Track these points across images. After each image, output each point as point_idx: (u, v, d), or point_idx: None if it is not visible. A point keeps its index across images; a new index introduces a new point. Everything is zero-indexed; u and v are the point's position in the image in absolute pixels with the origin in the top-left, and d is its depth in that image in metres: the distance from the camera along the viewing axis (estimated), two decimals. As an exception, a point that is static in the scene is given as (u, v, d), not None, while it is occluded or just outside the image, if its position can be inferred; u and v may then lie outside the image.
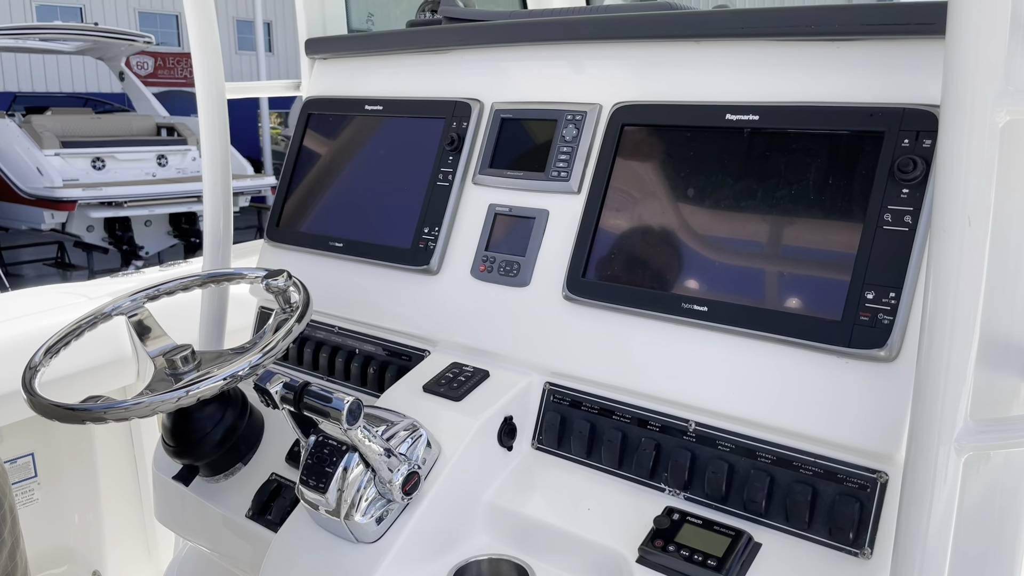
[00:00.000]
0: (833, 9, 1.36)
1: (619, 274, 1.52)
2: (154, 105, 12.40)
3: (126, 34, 11.72)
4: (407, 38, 1.95)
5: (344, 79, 2.11)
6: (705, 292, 1.42)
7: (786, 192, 1.36)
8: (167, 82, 17.85)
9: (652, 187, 1.52)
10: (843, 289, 1.27)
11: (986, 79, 0.97)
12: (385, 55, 2.03)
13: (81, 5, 17.93)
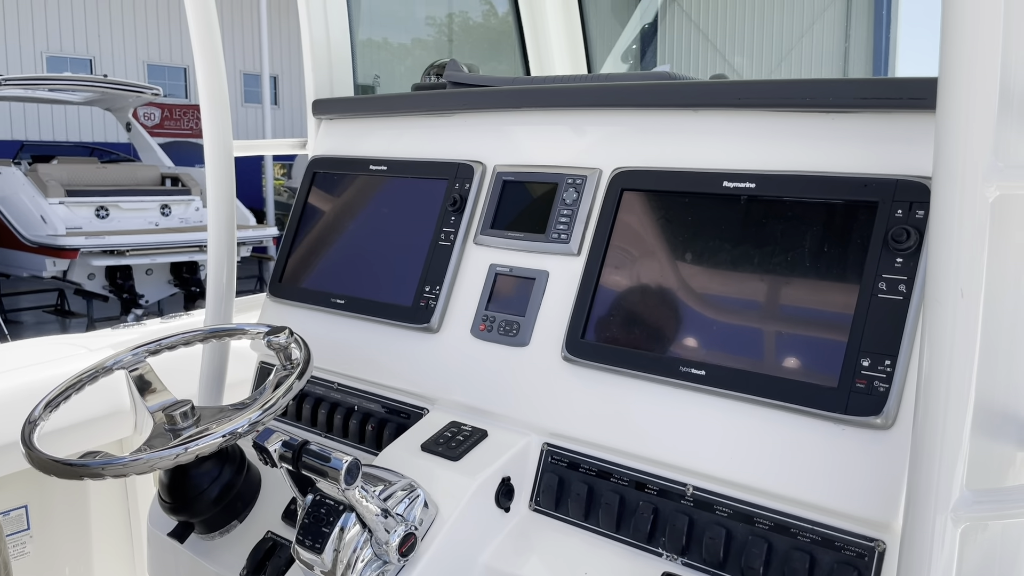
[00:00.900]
0: (828, 83, 1.40)
1: (618, 336, 1.54)
2: (159, 155, 12.54)
3: (134, 86, 11.90)
4: (412, 101, 2.00)
5: (350, 139, 2.15)
6: (703, 356, 1.43)
7: (783, 259, 1.39)
8: (173, 132, 18.08)
9: (651, 251, 1.55)
10: (839, 356, 1.29)
11: (975, 155, 1.00)
12: (390, 116, 2.08)
13: (91, 57, 18.25)
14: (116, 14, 18.59)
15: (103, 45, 18.47)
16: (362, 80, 14.05)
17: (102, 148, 14.16)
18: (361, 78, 2.71)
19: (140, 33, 18.93)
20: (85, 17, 18.21)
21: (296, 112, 20.85)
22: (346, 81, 2.27)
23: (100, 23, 18.41)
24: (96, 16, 18.35)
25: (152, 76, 18.81)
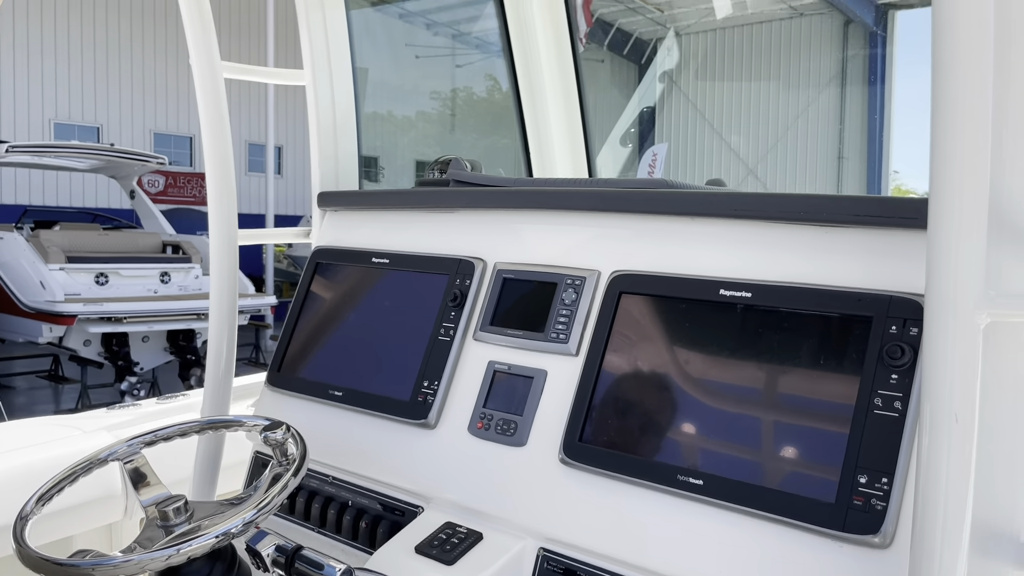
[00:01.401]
0: (822, 199, 1.43)
1: (615, 440, 1.54)
2: (161, 223, 12.65)
3: (140, 155, 12.08)
4: (416, 198, 2.04)
5: (353, 231, 2.19)
6: (700, 465, 1.43)
7: (779, 370, 1.40)
8: (176, 199, 18.27)
9: (648, 355, 1.56)
10: (836, 471, 1.29)
11: (966, 282, 1.02)
12: (394, 211, 2.12)
13: (99, 124, 18.55)
14: (125, 83, 18.98)
15: (111, 113, 18.80)
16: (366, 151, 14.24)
17: (105, 215, 14.28)
18: (366, 150, 2.76)
19: (148, 102, 19.30)
20: (95, 86, 18.58)
21: (299, 181, 21.12)
22: (351, 174, 2.32)
23: (109, 92, 18.78)
24: (106, 85, 18.73)
25: (158, 144, 19.10)
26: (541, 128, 3.02)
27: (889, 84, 16.89)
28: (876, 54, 17.07)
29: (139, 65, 19.08)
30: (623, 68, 19.75)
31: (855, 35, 17.29)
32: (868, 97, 17.45)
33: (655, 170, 15.96)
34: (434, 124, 22.74)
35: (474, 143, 22.43)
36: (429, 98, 21.97)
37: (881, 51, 16.89)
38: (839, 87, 17.64)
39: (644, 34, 19.77)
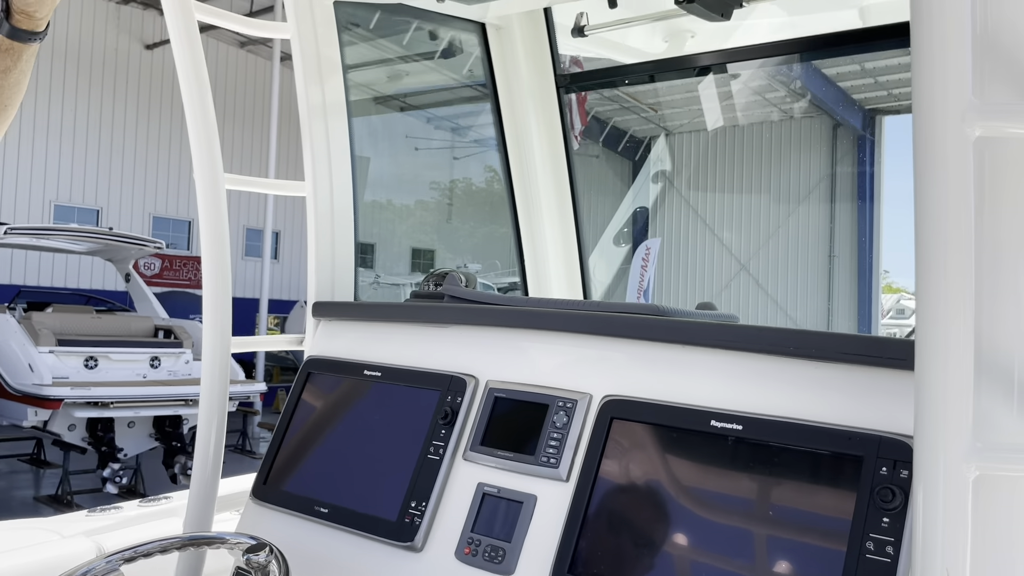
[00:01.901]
0: (812, 335, 1.45)
1: (605, 572, 1.51)
2: (155, 307, 12.65)
3: (138, 239, 12.18)
4: (410, 312, 2.05)
5: (346, 341, 2.19)
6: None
7: (770, 507, 1.39)
8: (172, 282, 18.34)
9: (639, 485, 1.55)
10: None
11: (954, 435, 1.03)
12: (388, 323, 2.13)
13: (98, 207, 18.77)
14: (127, 167, 19.29)
15: (111, 196, 19.05)
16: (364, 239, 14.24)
17: (99, 297, 14.29)
18: (364, 237, 2.79)
19: (148, 186, 19.58)
20: (97, 169, 18.88)
21: (295, 266, 21.25)
22: (347, 285, 2.34)
23: (111, 175, 19.07)
24: (108, 168, 19.03)
25: (157, 228, 19.28)
26: (537, 240, 3.07)
27: (878, 186, 17.25)
28: (865, 157, 17.50)
29: (140, 149, 19.44)
30: (617, 164, 20.18)
31: (844, 138, 17.76)
32: (857, 198, 17.80)
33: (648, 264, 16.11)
34: (432, 213, 23.03)
35: (471, 231, 22.68)
36: (428, 188, 22.32)
37: (870, 154, 17.32)
38: (829, 187, 18.01)
39: (638, 132, 20.28)
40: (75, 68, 18.27)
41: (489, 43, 2.92)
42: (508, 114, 3.04)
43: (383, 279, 17.95)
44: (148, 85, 19.36)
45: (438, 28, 3.02)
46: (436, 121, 18.81)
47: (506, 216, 3.36)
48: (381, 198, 20.89)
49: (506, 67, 2.94)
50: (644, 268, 15.80)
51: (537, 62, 2.91)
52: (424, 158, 20.46)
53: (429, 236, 23.12)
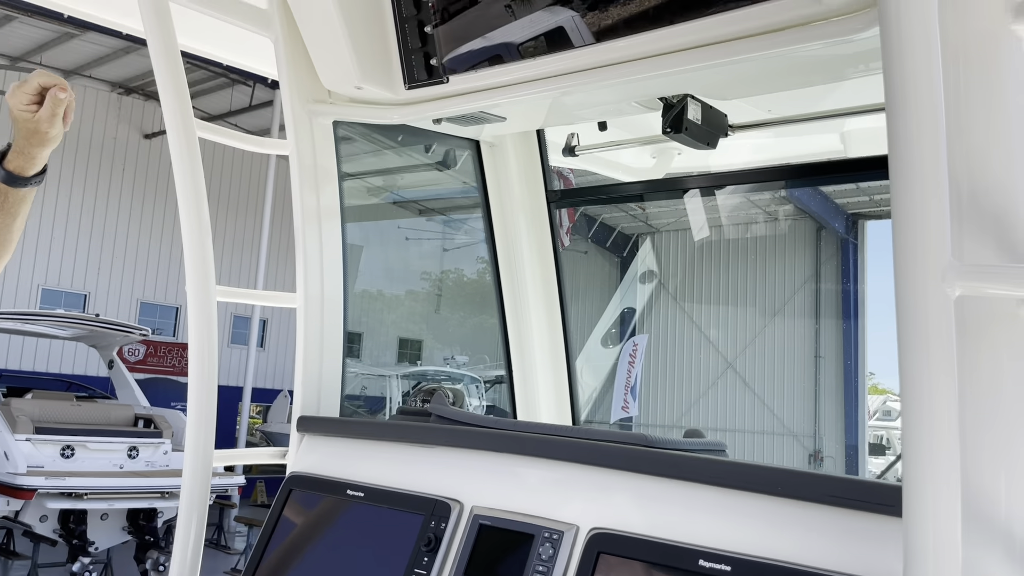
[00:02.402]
0: (801, 475, 1.45)
1: None
2: (136, 395, 12.48)
3: (124, 326, 12.12)
4: (396, 431, 2.04)
5: (330, 458, 2.17)
6: None
7: (759, 656, 1.36)
8: (156, 369, 18.16)
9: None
10: None
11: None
12: (373, 441, 2.11)
13: (86, 292, 18.75)
14: (119, 252, 19.36)
15: (100, 281, 19.05)
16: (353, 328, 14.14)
17: (80, 383, 14.12)
18: (352, 326, 2.78)
19: (139, 271, 19.61)
20: (88, 254, 18.94)
21: (280, 354, 21.12)
22: (334, 399, 2.33)
23: (101, 260, 19.12)
24: (99, 253, 19.09)
25: (144, 313, 19.22)
26: (525, 350, 3.08)
27: (862, 288, 17.48)
28: (848, 259, 17.79)
29: (132, 234, 19.56)
30: (606, 260, 20.42)
31: (828, 241, 18.08)
32: (842, 299, 18.00)
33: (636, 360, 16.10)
34: (421, 303, 23.10)
35: (461, 322, 22.69)
36: (419, 278, 22.43)
37: (853, 257, 17.61)
38: (814, 288, 18.23)
39: (626, 228, 20.60)
40: (72, 154, 18.54)
41: (483, 159, 2.99)
42: (499, 227, 3.09)
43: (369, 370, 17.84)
44: (144, 172, 19.63)
45: (434, 143, 3.10)
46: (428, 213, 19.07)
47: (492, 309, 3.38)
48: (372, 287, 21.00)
49: (499, 182, 3.00)
50: (631, 365, 15.79)
51: (529, 179, 2.98)
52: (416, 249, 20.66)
53: (418, 326, 23.14)
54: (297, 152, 2.35)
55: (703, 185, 2.66)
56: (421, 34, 2.16)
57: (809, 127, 2.86)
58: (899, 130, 1.06)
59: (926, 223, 1.07)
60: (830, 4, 1.57)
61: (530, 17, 1.95)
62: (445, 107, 2.23)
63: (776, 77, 2.08)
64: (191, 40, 2.53)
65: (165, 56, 2.05)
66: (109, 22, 2.53)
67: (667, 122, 2.22)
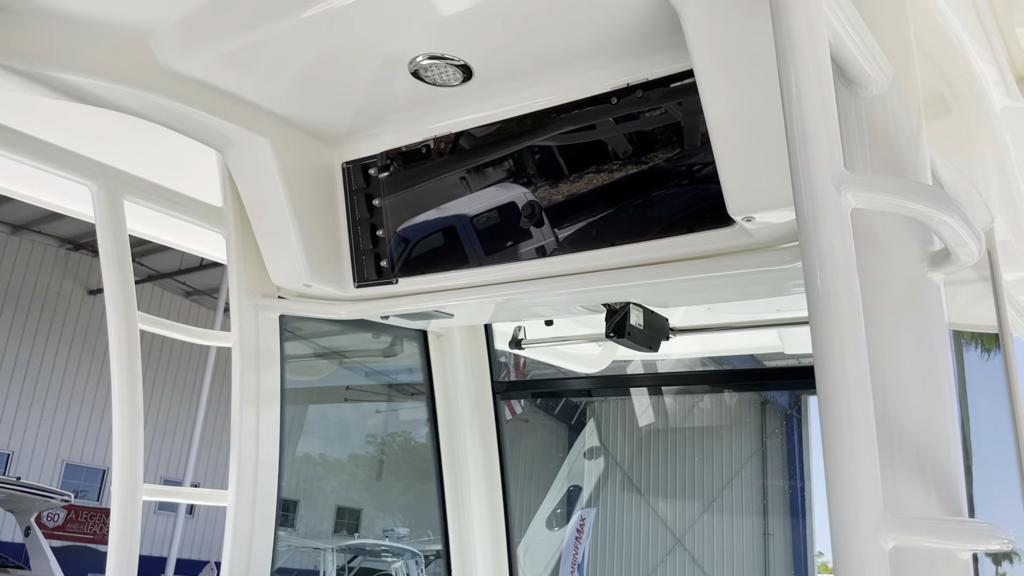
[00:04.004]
0: None
1: None
2: (51, 565, 11.66)
3: (46, 491, 11.51)
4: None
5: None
6: None
7: None
8: (75, 536, 17.08)
9: None
10: None
11: None
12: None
13: (10, 451, 17.87)
14: (49, 411, 18.66)
15: (25, 440, 18.22)
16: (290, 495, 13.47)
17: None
18: (289, 493, 2.64)
19: (68, 431, 18.85)
20: (16, 412, 18.21)
21: (211, 522, 20.10)
22: (264, 560, 2.20)
23: (29, 418, 18.37)
24: (27, 411, 18.37)
25: (68, 475, 18.31)
26: (465, 547, 2.98)
27: (807, 464, 17.53)
28: (793, 433, 17.94)
29: (65, 392, 18.93)
30: (553, 427, 20.28)
31: (772, 415, 18.29)
32: (788, 474, 17.99)
33: (583, 535, 15.69)
34: (363, 468, 22.42)
35: (404, 490, 22.00)
36: (363, 443, 21.90)
37: (798, 431, 17.78)
38: (760, 462, 18.23)
39: (574, 398, 20.60)
40: (12, 308, 18.20)
41: (429, 347, 3.01)
42: (443, 413, 3.07)
43: (303, 542, 17.01)
44: (84, 329, 19.27)
45: (380, 333, 3.12)
46: (374, 375, 18.94)
47: (436, 502, 3.28)
48: (313, 451, 20.40)
49: (444, 371, 3.01)
50: (579, 540, 15.35)
51: (475, 369, 2.99)
52: (358, 412, 20.30)
53: (359, 494, 22.34)
54: (240, 344, 2.34)
55: (646, 384, 2.70)
56: (373, 236, 2.22)
57: (748, 328, 2.96)
58: (827, 384, 1.09)
59: (858, 477, 1.08)
60: (759, 236, 1.66)
61: (483, 216, 2.02)
62: (393, 306, 2.26)
63: (716, 291, 2.16)
64: (142, 227, 2.56)
65: (114, 250, 2.06)
66: (64, 210, 2.55)
67: (610, 327, 2.28)
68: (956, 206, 1.14)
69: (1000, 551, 1.13)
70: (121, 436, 2.04)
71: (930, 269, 1.34)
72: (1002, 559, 2.03)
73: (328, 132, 2.19)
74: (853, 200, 1.10)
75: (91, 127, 2.12)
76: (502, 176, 2.02)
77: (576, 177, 1.89)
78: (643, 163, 1.79)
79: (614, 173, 1.83)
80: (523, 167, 1.98)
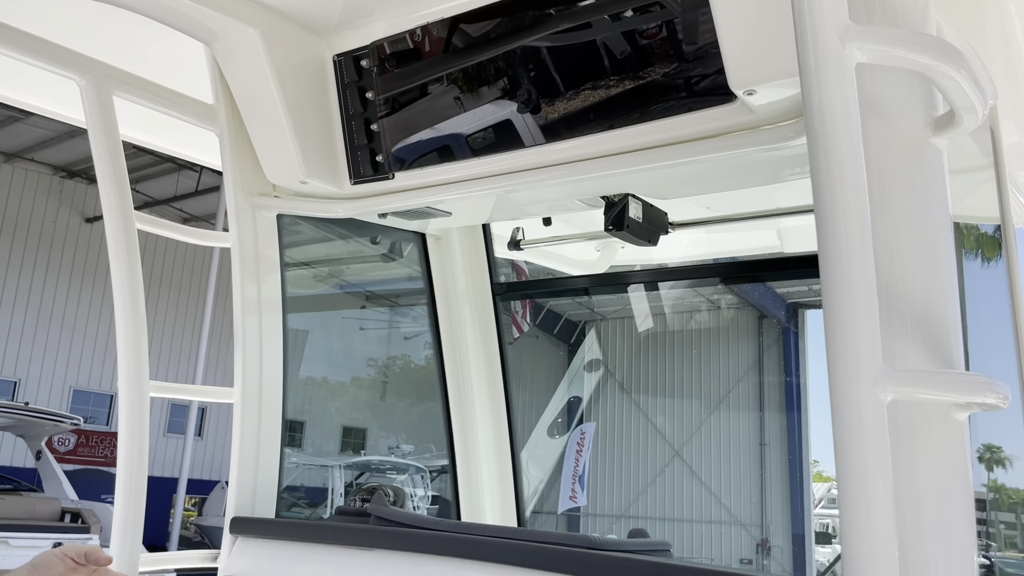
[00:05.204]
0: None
1: None
2: (64, 488, 11.92)
3: (54, 415, 11.67)
4: (334, 533, 1.97)
5: (264, 561, 2.08)
6: None
7: None
8: (86, 459, 17.42)
9: None
10: None
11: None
12: (310, 544, 2.03)
13: (17, 379, 18.07)
14: (53, 338, 18.79)
15: (32, 367, 18.40)
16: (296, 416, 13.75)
17: (3, 475, 13.46)
18: (295, 414, 2.69)
19: (73, 357, 19.02)
20: (20, 340, 18.34)
21: (219, 444, 20.47)
22: (269, 500, 2.25)
23: (34, 346, 18.51)
24: (32, 339, 18.50)
25: (77, 401, 18.55)
26: (469, 442, 3.03)
27: (804, 376, 17.76)
28: (790, 347, 18.11)
29: (68, 320, 19.03)
30: (553, 347, 20.48)
31: (769, 329, 18.43)
32: (784, 387, 18.24)
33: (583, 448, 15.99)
34: (367, 390, 22.73)
35: (407, 409, 22.31)
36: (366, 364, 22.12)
37: (794, 345, 17.94)
38: (757, 376, 18.47)
39: (573, 316, 20.75)
40: (10, 238, 18.14)
41: (428, 250, 3.00)
42: (444, 318, 3.08)
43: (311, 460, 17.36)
44: (84, 257, 19.25)
45: (379, 235, 3.10)
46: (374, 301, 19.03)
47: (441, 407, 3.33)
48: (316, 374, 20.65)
49: (444, 274, 3.01)
50: (579, 453, 15.67)
51: (474, 271, 2.99)
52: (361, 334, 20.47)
53: (363, 414, 22.69)
54: (239, 245, 2.33)
55: (645, 280, 2.70)
56: (367, 131, 2.18)
57: (747, 224, 2.95)
58: (828, 240, 1.09)
59: (856, 330, 1.09)
60: (760, 113, 1.64)
61: (477, 110, 1.99)
62: (390, 202, 2.24)
63: (714, 179, 2.14)
64: (134, 131, 2.53)
65: (106, 148, 2.04)
66: (52, 113, 2.51)
67: (609, 220, 2.26)
68: (964, 60, 1.11)
69: (995, 407, 1.14)
70: (125, 335, 2.05)
71: (933, 134, 1.32)
72: (994, 465, 2.06)
73: (318, 23, 2.13)
74: (858, 53, 1.08)
75: (78, 22, 2.07)
76: (497, 64, 1.97)
77: (571, 60, 1.85)
78: (641, 39, 1.74)
79: (611, 52, 1.79)
80: (517, 55, 1.93)
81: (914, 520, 1.22)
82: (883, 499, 1.08)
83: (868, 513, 1.08)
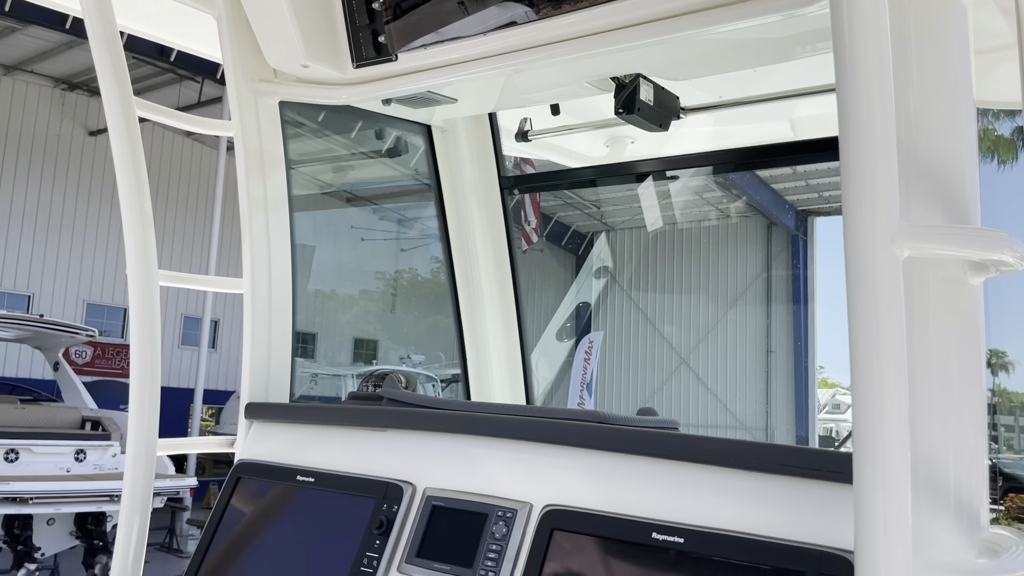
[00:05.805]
0: (752, 445, 1.45)
1: None
2: (83, 397, 12.17)
3: (70, 327, 11.81)
4: (347, 415, 2.00)
5: (280, 444, 2.12)
6: None
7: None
8: (103, 371, 17.71)
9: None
10: None
11: (895, 553, 1.02)
12: (324, 426, 2.07)
13: (30, 293, 18.23)
14: (64, 252, 18.87)
15: (44, 282, 18.54)
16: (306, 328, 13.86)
17: (24, 386, 13.73)
18: (306, 327, 2.72)
19: (85, 272, 19.13)
20: (32, 254, 18.43)
21: (233, 356, 20.75)
22: (283, 385, 2.28)
23: (46, 260, 18.62)
24: (43, 253, 18.59)
25: (91, 315, 18.75)
26: (479, 338, 3.05)
27: (811, 284, 17.78)
28: (798, 255, 18.08)
29: (78, 234, 19.07)
30: (561, 258, 20.48)
31: (778, 237, 18.36)
32: (792, 295, 18.29)
33: (591, 357, 16.17)
34: (376, 302, 22.89)
35: (416, 321, 22.53)
36: (373, 277, 22.23)
37: (803, 253, 17.91)
38: (765, 284, 18.49)
39: (581, 227, 20.68)
40: (15, 151, 18.01)
41: (434, 144, 2.96)
42: (452, 213, 3.06)
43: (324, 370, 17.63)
44: (90, 171, 19.14)
45: (384, 128, 3.05)
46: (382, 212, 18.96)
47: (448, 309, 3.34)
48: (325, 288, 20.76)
49: (451, 167, 2.97)
50: (587, 361, 15.86)
51: (482, 164, 2.95)
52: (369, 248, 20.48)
53: (373, 326, 22.92)
54: (242, 134, 2.29)
55: (655, 169, 2.66)
56: (369, 11, 2.12)
57: (759, 114, 2.88)
58: (849, 95, 1.05)
59: (875, 186, 1.06)
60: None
61: (483, 13, 1.92)
62: (394, 86, 2.19)
63: (725, 57, 2.08)
64: (131, 21, 2.46)
65: (103, 35, 1.98)
66: (48, 1, 2.44)
67: (619, 102, 2.21)
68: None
69: (1012, 268, 1.12)
70: (132, 223, 2.04)
71: None
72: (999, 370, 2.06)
73: None
74: None
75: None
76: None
77: (581, -73, 1.77)
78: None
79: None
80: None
81: (924, 384, 1.22)
82: (896, 360, 1.08)
83: (880, 374, 1.08)
